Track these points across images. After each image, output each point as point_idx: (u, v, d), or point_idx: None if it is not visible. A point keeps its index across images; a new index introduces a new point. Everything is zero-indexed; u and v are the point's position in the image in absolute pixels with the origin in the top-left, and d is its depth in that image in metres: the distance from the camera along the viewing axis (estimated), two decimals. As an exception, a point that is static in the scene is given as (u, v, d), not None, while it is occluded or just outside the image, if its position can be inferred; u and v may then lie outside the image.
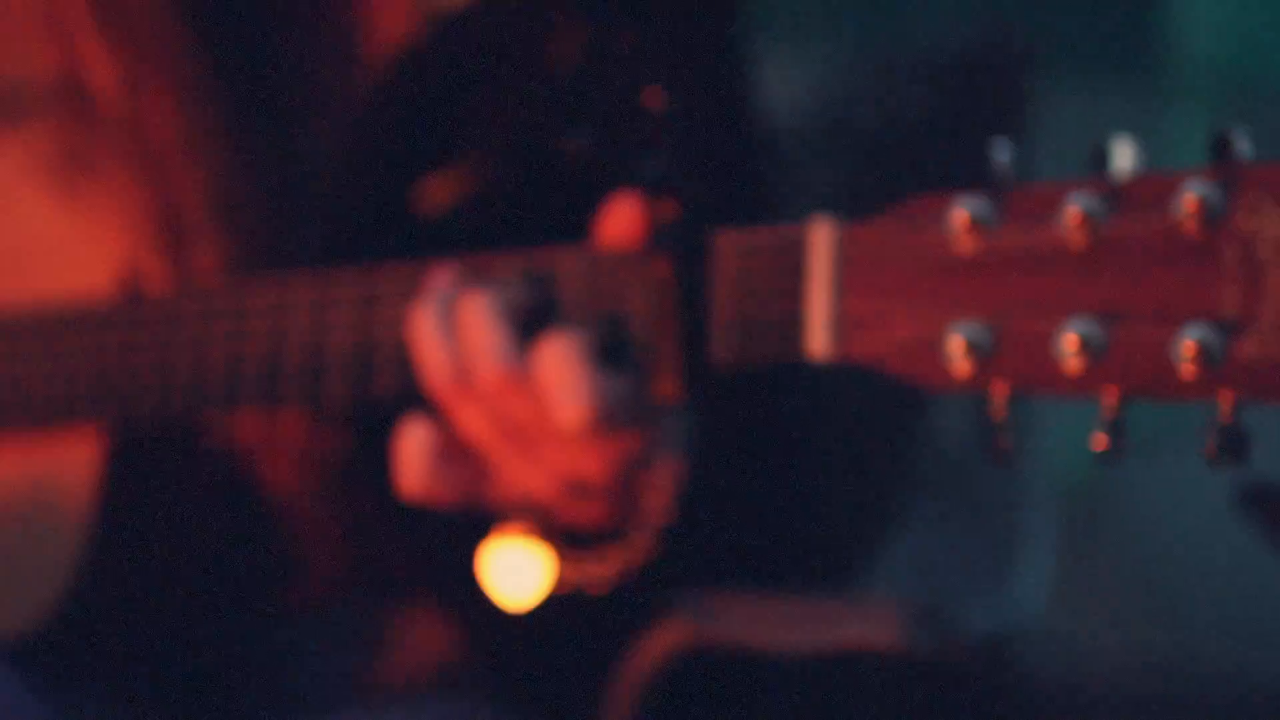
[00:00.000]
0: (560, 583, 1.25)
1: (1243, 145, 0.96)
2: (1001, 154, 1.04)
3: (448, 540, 1.38)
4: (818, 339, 1.06)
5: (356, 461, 1.40)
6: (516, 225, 1.38)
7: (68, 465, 1.38)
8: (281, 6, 1.47)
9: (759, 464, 1.38)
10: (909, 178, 1.93)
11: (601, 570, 1.24)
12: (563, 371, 1.08)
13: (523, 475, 1.15)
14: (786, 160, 1.78)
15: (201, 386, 1.29)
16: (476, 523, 1.32)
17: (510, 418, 1.13)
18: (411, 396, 1.19)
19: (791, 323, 1.06)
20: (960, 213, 1.02)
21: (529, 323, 1.13)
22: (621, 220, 1.12)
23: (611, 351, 1.11)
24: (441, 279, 1.16)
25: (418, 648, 1.49)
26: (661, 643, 1.27)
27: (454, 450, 1.16)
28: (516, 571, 1.26)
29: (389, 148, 1.39)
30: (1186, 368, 0.95)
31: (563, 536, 1.24)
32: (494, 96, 1.39)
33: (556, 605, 1.30)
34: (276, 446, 1.40)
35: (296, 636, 1.49)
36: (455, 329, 1.13)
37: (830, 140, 1.98)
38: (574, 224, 1.33)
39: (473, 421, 1.14)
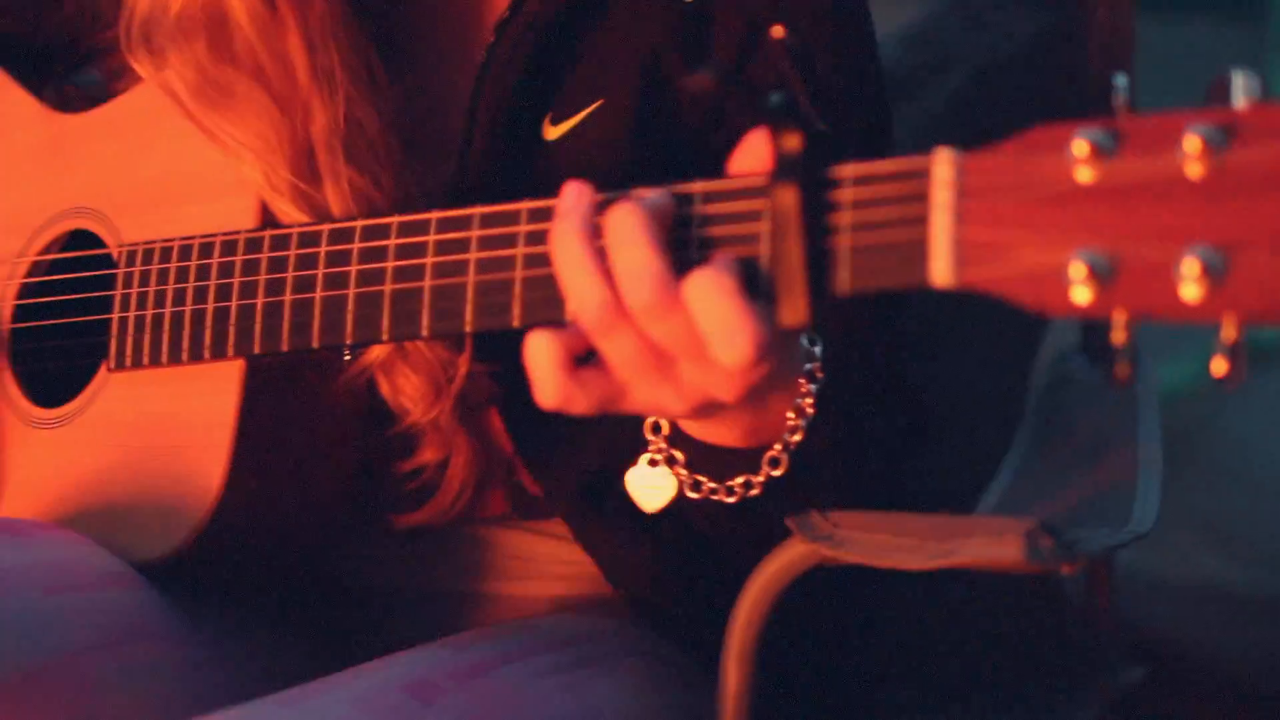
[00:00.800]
0: (693, 495, 1.29)
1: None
2: (1121, 84, 1.06)
3: (580, 460, 1.42)
4: (940, 266, 1.08)
5: (487, 381, 1.44)
6: (643, 160, 1.42)
7: (212, 392, 1.42)
8: None
9: (880, 387, 1.41)
10: (1013, 107, 1.94)
11: (733, 487, 1.28)
12: (724, 310, 1.10)
13: (656, 393, 1.17)
14: (894, 91, 1.79)
15: (338, 325, 1.33)
16: (608, 443, 1.37)
17: (654, 341, 1.14)
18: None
19: (914, 250, 1.09)
20: (1082, 142, 1.05)
21: (673, 246, 1.15)
22: (751, 154, 1.15)
23: (744, 280, 1.14)
24: (582, 198, 1.17)
25: (546, 566, 1.53)
26: (783, 561, 1.30)
27: (585, 362, 1.18)
28: (653, 488, 1.30)
29: (515, 83, 1.42)
30: (1308, 293, 0.98)
31: (697, 452, 1.28)
32: (619, 30, 1.42)
33: (686, 525, 1.34)
34: (408, 365, 1.43)
35: (427, 553, 1.54)
36: (606, 248, 1.14)
37: (932, 72, 2.00)
38: (699, 159, 1.36)
39: (616, 343, 1.15)
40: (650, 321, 1.13)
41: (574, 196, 1.17)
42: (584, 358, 1.17)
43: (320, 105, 1.41)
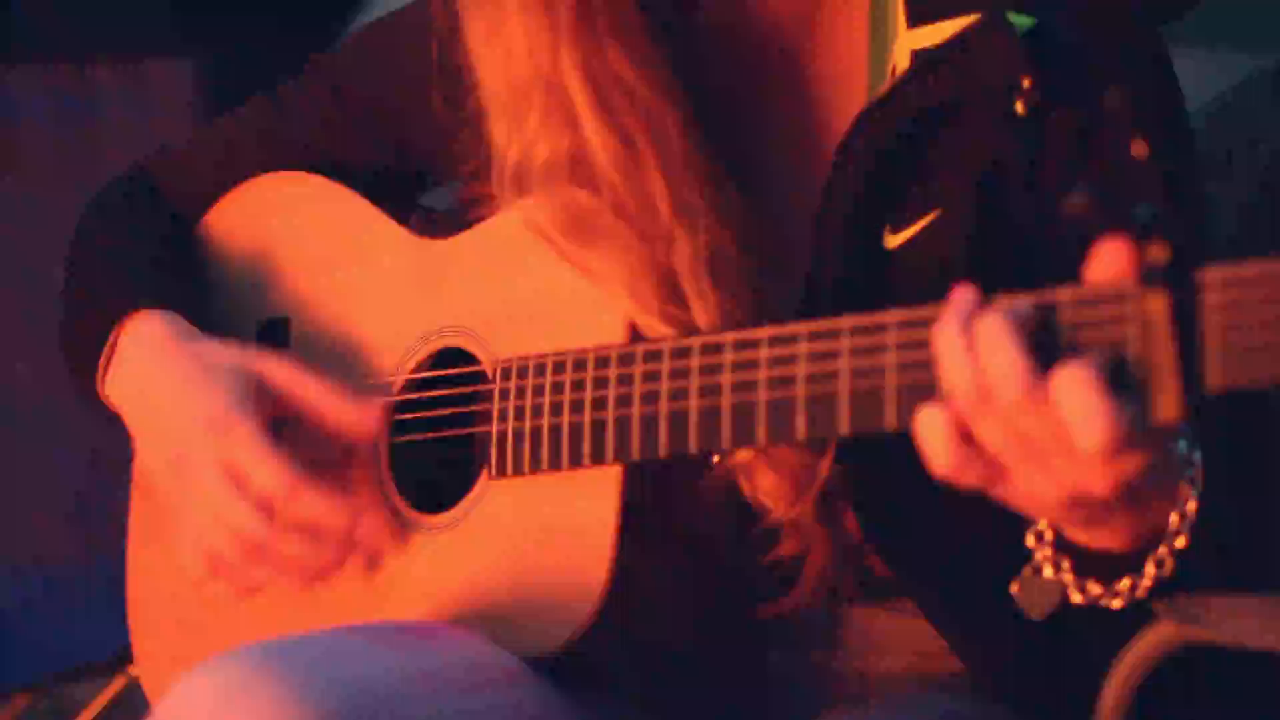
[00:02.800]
0: (1079, 600, 1.36)
1: None
2: None
3: (934, 550, 1.50)
4: (1309, 363, 1.15)
5: (844, 476, 1.53)
6: (980, 265, 1.49)
7: (592, 495, 1.53)
8: (752, 83, 1.60)
9: (1241, 475, 1.47)
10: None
11: (1119, 590, 1.35)
12: (1083, 398, 1.19)
13: (1031, 482, 1.26)
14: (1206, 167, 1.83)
15: (714, 431, 1.43)
16: (960, 534, 1.44)
17: (1023, 432, 1.24)
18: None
19: None
20: None
21: (1038, 348, 1.24)
22: (1112, 263, 1.23)
23: (1113, 379, 1.22)
24: (964, 298, 1.27)
25: (898, 641, 1.61)
26: (1149, 644, 1.35)
27: (970, 438, 1.26)
28: (1040, 595, 1.37)
29: (859, 197, 1.51)
30: None
31: (1082, 558, 1.35)
32: (954, 143, 1.50)
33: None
34: (770, 464, 1.53)
35: (785, 634, 1.62)
36: (976, 348, 1.24)
37: (1242, 149, 2.03)
38: (1034, 262, 1.44)
39: (988, 432, 1.25)
40: (1019, 416, 1.23)
41: (958, 297, 1.27)
42: None
43: (683, 236, 1.52)
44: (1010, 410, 1.22)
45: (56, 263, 1.96)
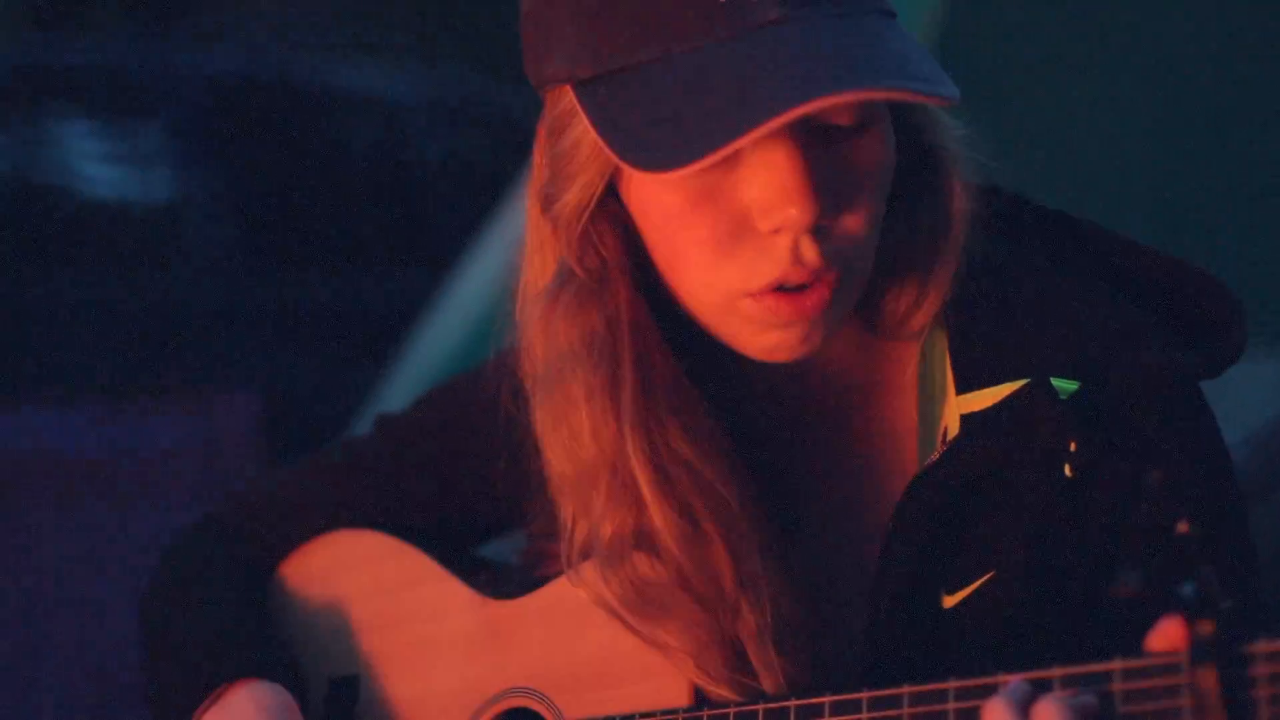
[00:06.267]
0: None
1: None
2: None
3: None
4: (1360, 734, 1.19)
5: None
6: (1035, 622, 1.54)
7: None
8: (806, 444, 1.67)
9: None
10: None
11: None
12: None
13: None
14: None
15: None
16: None
17: None
18: None
19: None
20: None
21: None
22: (1164, 637, 1.28)
23: None
24: (1014, 683, 1.32)
25: None
26: None
27: None
28: None
29: (913, 562, 1.56)
30: None
31: None
32: (1004, 507, 1.56)
33: None
34: None
35: None
36: None
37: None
38: (1087, 618, 1.49)
39: None
40: None
41: (1008, 682, 1.33)
42: None
43: (748, 607, 1.56)
44: None
45: (120, 597, 2.01)
